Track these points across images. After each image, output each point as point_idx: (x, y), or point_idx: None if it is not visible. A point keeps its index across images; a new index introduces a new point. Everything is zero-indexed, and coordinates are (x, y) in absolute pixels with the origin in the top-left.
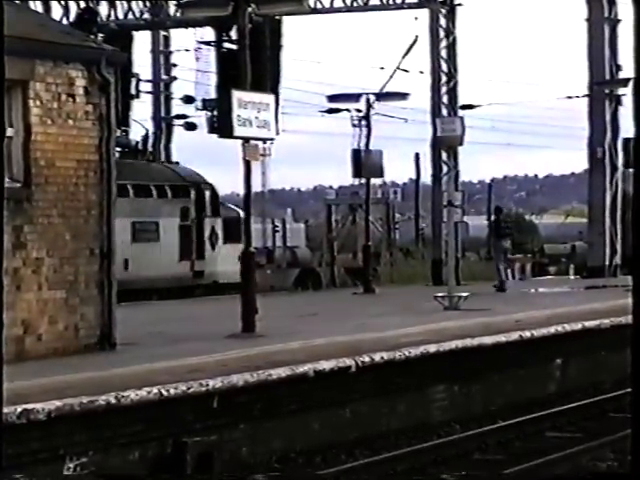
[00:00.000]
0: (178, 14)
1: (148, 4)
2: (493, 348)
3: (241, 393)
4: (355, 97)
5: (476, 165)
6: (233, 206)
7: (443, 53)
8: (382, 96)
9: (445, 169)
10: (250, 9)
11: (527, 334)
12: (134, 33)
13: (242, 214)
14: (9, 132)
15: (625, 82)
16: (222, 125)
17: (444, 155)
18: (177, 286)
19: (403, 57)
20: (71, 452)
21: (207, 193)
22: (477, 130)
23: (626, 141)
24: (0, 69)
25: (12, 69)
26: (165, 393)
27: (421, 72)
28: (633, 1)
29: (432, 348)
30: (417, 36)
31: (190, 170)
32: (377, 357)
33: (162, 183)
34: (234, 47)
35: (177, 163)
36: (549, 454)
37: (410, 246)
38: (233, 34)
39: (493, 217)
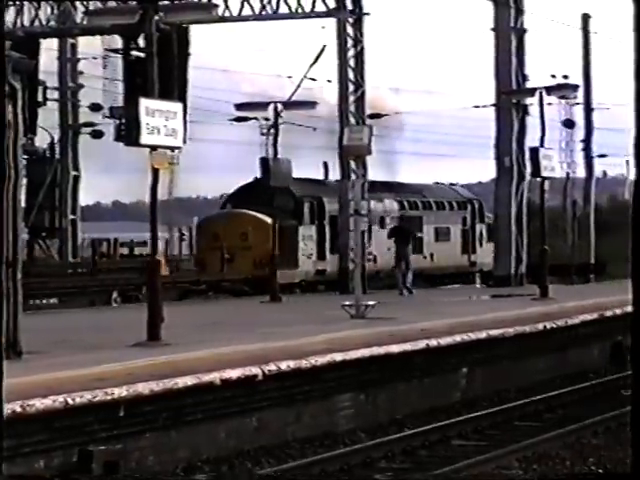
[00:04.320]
0: (85, 22)
1: (55, 11)
2: (400, 357)
3: (147, 402)
4: (263, 105)
5: (384, 173)
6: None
7: (351, 62)
8: (290, 105)
9: (353, 177)
10: (157, 17)
11: (434, 343)
12: (41, 40)
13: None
14: None
15: (532, 92)
16: (129, 133)
17: (352, 164)
18: (459, 272)
19: (311, 66)
20: None
21: (476, 205)
22: (386, 139)
23: (533, 150)
24: (0, 69)
25: None
26: (71, 402)
27: (329, 81)
28: (634, 1)
29: (338, 357)
30: (325, 45)
31: (465, 190)
32: (283, 366)
33: (450, 199)
34: (142, 55)
35: (455, 184)
36: (455, 462)
37: None
38: (141, 42)
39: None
